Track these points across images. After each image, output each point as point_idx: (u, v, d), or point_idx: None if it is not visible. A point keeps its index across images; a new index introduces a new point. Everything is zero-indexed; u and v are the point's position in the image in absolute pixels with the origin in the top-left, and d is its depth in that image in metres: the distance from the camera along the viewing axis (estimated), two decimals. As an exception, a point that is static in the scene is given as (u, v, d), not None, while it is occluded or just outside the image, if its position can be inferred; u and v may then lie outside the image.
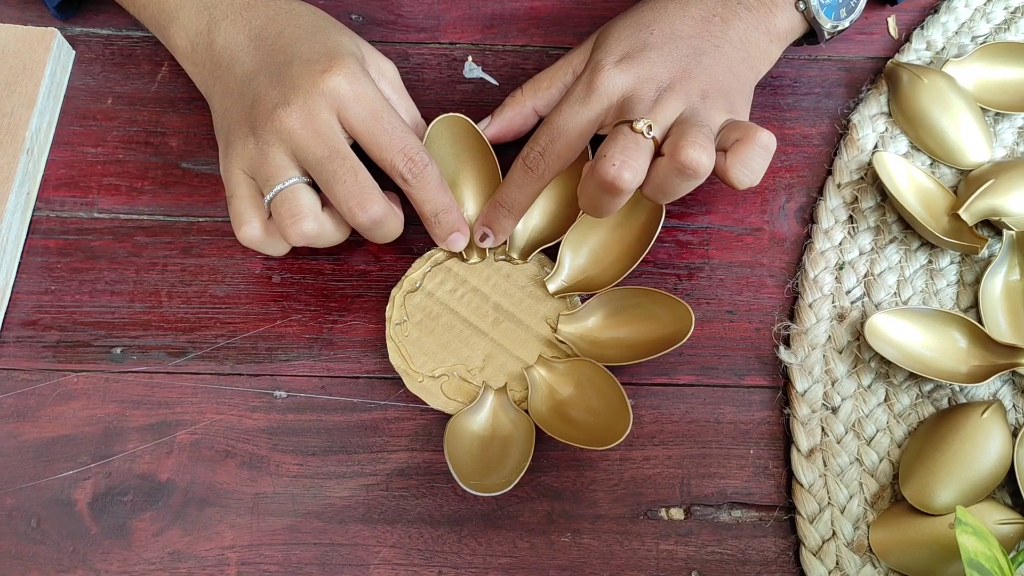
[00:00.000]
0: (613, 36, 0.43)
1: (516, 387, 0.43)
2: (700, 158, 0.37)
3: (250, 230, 0.41)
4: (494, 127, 0.46)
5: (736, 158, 0.38)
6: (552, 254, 0.45)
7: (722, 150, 0.39)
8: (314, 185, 0.41)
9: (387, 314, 0.44)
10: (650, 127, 0.38)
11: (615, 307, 0.43)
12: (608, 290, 0.43)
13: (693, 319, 0.41)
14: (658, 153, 0.39)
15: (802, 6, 0.44)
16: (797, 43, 0.47)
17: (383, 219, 0.40)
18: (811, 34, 0.46)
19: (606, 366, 0.41)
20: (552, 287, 0.44)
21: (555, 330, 0.43)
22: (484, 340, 0.44)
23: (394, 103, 0.45)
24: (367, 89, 0.40)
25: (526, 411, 0.42)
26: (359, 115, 0.40)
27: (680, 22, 0.43)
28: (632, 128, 0.38)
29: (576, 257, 0.44)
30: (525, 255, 0.45)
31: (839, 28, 0.46)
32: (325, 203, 0.41)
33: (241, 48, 0.42)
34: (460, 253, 0.45)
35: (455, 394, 0.43)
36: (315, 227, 0.40)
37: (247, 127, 0.41)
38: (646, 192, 0.40)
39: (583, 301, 0.44)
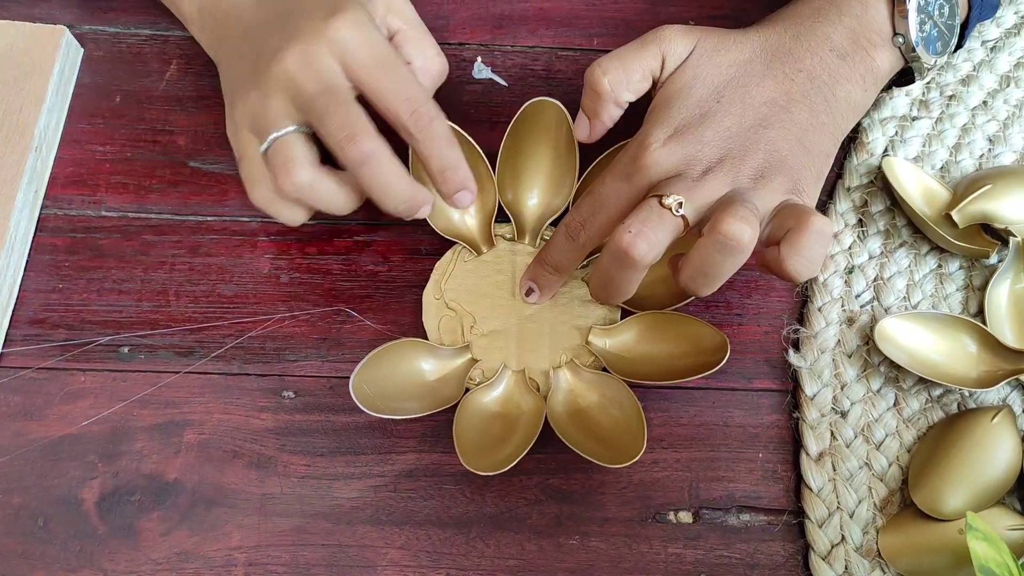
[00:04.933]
0: (678, 102, 0.40)
1: (534, 379, 0.43)
2: (742, 229, 0.34)
3: (262, 191, 0.39)
4: (596, 131, 0.43)
5: (791, 248, 0.35)
6: None
7: (773, 242, 0.36)
8: (317, 141, 0.39)
9: (443, 259, 0.45)
10: (680, 204, 0.36)
11: (650, 328, 0.43)
12: (649, 313, 0.43)
13: (728, 352, 0.40)
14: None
15: (900, 40, 0.41)
16: (886, 88, 0.44)
17: (374, 156, 0.37)
18: (903, 72, 0.44)
19: (627, 381, 0.41)
20: None
21: (586, 341, 0.43)
22: (517, 319, 0.44)
23: (407, 37, 0.42)
24: (372, 36, 0.38)
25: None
26: (363, 62, 0.38)
27: (758, 84, 0.40)
28: (660, 202, 0.36)
29: None
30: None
31: (939, 64, 0.43)
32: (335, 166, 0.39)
33: (246, 5, 0.41)
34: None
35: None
36: (307, 177, 0.37)
37: (251, 80, 0.39)
38: (684, 279, 0.37)
39: (622, 317, 0.44)
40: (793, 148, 0.39)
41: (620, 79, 0.41)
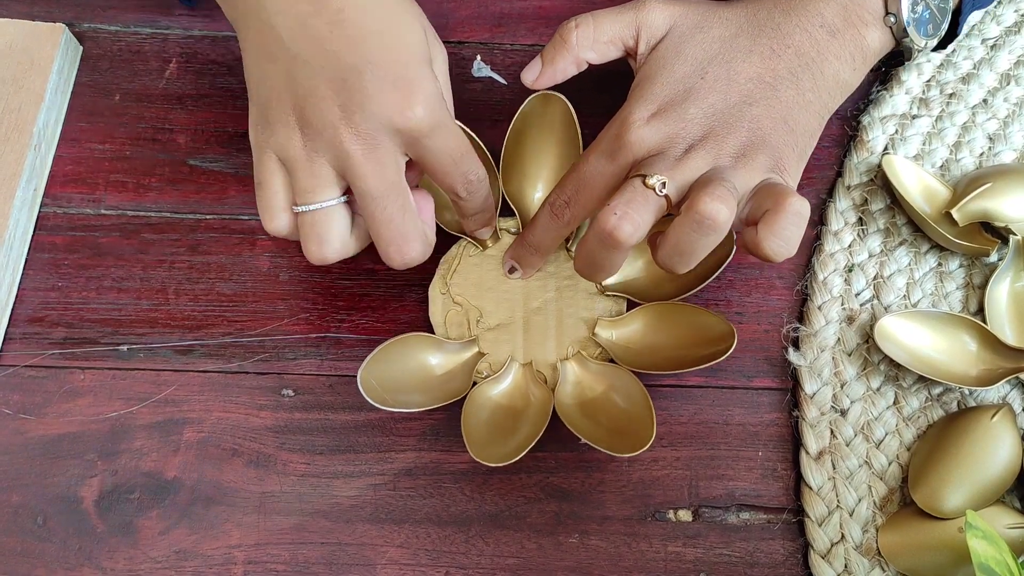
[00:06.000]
0: (661, 78, 0.40)
1: (541, 371, 0.43)
2: (718, 209, 0.34)
3: (279, 225, 0.38)
4: (545, 78, 0.42)
5: (768, 229, 0.35)
6: None
7: (753, 222, 0.36)
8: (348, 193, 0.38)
9: (448, 254, 0.45)
10: (664, 184, 0.36)
11: (656, 318, 0.43)
12: (654, 304, 0.43)
13: (736, 339, 0.40)
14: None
15: (892, 20, 0.40)
16: (874, 68, 0.44)
17: (416, 260, 0.38)
18: (890, 54, 0.43)
19: (634, 371, 0.41)
20: (604, 282, 0.44)
21: (593, 333, 0.43)
22: (523, 312, 0.44)
23: None
24: (440, 118, 0.36)
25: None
26: (429, 148, 0.37)
27: (743, 60, 0.39)
28: (644, 183, 0.36)
29: (633, 260, 0.45)
30: None
31: (929, 47, 0.43)
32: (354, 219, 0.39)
33: (291, 11, 0.35)
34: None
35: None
36: (338, 254, 0.37)
37: (293, 116, 0.36)
38: (662, 257, 0.37)
39: (628, 308, 0.44)
40: (777, 126, 0.39)
41: (588, 35, 0.42)
